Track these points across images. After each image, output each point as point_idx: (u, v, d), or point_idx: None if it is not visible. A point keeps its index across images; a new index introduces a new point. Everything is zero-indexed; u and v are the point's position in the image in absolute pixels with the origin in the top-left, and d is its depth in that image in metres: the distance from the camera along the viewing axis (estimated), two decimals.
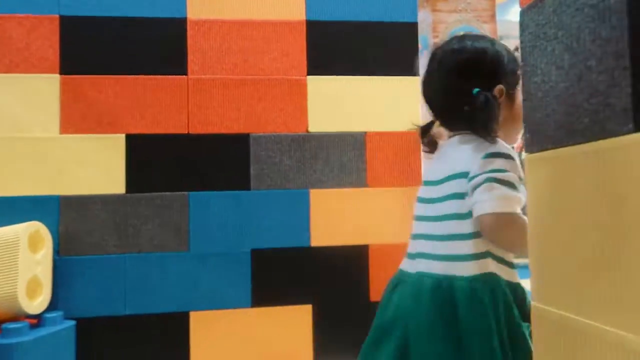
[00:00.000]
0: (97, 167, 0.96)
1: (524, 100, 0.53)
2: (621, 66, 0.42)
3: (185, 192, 0.98)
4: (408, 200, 1.04)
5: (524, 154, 0.54)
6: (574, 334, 0.45)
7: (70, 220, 0.95)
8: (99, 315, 0.94)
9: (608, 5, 0.43)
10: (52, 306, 0.91)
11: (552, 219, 0.48)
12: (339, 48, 1.04)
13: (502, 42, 0.71)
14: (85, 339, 0.93)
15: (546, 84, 0.51)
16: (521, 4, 0.54)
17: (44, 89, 0.96)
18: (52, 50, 0.97)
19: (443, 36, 4.34)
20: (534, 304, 0.47)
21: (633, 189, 0.39)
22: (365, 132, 1.03)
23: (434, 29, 4.32)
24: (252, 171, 1.00)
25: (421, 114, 1.06)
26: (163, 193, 0.98)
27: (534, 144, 0.52)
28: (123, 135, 0.98)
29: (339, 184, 1.02)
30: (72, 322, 0.92)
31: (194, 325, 0.96)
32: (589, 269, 0.43)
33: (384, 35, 1.06)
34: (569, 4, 0.48)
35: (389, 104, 1.05)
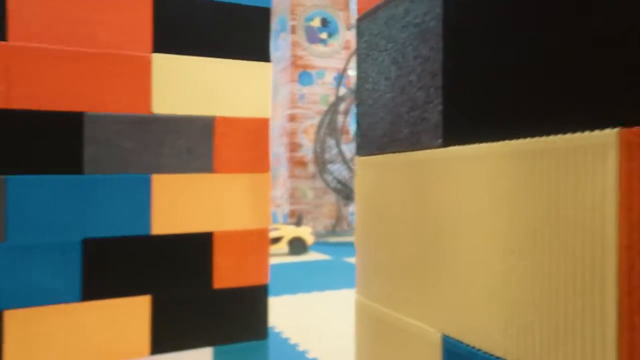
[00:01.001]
0: None
1: (357, 105, 0.55)
2: (436, 85, 0.46)
3: (2, 176, 0.86)
4: (254, 187, 1.05)
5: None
6: (386, 327, 0.49)
7: None
8: None
9: (428, 27, 0.47)
10: None
11: (375, 219, 0.53)
12: (189, 27, 0.99)
13: (353, 31, 0.73)
14: None
15: (376, 92, 0.54)
16: (358, 12, 0.56)
17: None
18: None
19: (300, 18, 4.40)
20: (357, 297, 0.51)
21: (438, 198, 0.43)
22: (215, 117, 1.01)
23: (292, 11, 4.35)
24: (85, 154, 0.91)
25: (271, 100, 1.07)
26: None
27: (363, 147, 0.55)
28: None
29: (185, 170, 0.98)
30: None
31: (9, 326, 0.86)
32: (402, 268, 0.48)
33: (237, 17, 1.03)
34: (398, 19, 0.52)
35: (240, 88, 1.03)
